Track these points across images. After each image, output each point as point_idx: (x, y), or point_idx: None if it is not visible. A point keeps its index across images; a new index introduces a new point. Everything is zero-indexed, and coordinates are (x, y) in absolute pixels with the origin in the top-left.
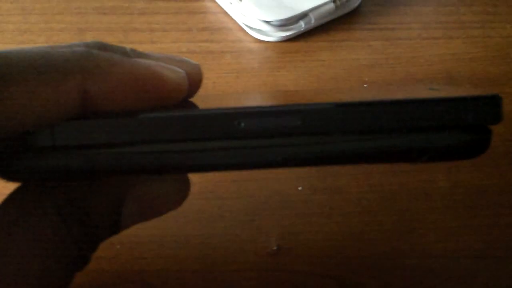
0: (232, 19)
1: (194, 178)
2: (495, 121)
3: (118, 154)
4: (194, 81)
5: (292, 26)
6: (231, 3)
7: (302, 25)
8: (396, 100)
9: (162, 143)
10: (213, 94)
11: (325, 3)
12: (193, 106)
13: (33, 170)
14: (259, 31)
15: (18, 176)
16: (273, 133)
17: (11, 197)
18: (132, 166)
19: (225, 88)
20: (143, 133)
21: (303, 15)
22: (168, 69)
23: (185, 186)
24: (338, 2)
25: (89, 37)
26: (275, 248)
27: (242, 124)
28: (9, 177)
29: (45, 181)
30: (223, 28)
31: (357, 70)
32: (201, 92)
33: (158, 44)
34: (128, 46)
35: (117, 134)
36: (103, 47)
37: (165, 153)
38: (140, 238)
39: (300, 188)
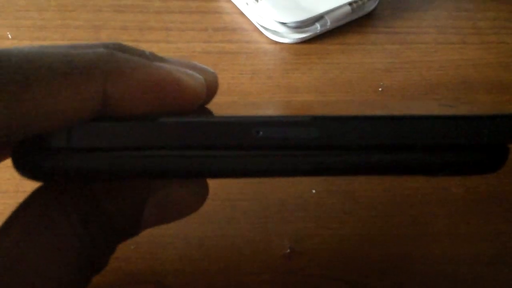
0: (248, 19)
1: (208, 179)
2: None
3: (134, 158)
4: (211, 89)
5: (307, 28)
6: (247, 4)
7: (318, 27)
8: (417, 115)
9: (180, 148)
10: (226, 102)
11: (341, 6)
12: (209, 112)
13: (48, 170)
14: (274, 32)
15: (35, 175)
16: (290, 143)
17: (33, 196)
18: (147, 170)
19: (240, 89)
20: (160, 138)
21: (319, 17)
22: (188, 75)
23: (204, 190)
24: (354, 5)
25: (104, 35)
26: (288, 250)
27: (261, 133)
28: (27, 176)
29: (62, 182)
30: (238, 29)
31: (372, 73)
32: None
33: (174, 44)
34: (143, 44)
35: (134, 138)
36: (122, 49)
37: (182, 159)
38: (154, 239)
39: (314, 191)
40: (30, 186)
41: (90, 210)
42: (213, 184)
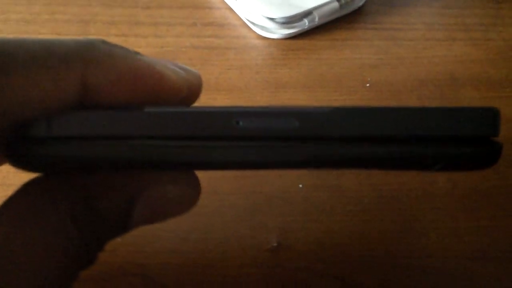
0: (236, 15)
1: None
2: (493, 133)
3: (112, 147)
4: (194, 89)
5: (296, 24)
6: None
7: (306, 23)
8: (406, 107)
9: (157, 138)
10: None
11: (329, 2)
12: None
13: (28, 159)
14: (263, 27)
15: (16, 163)
16: (270, 133)
17: (22, 190)
18: (124, 159)
19: (227, 84)
20: (139, 127)
21: (307, 13)
22: (169, 68)
23: (196, 191)
24: (342, 1)
25: (93, 30)
26: (275, 244)
27: (240, 123)
28: (12, 164)
29: (43, 171)
30: (227, 24)
31: (360, 69)
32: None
33: (162, 38)
34: (132, 39)
35: (113, 127)
36: (106, 43)
37: (159, 149)
38: (141, 232)
39: (300, 185)
40: (17, 179)
41: (80, 205)
42: (200, 177)
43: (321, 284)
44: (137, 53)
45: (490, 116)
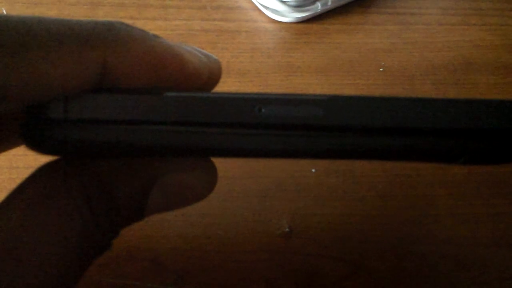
0: None
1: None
2: None
3: (131, 132)
4: (214, 75)
5: (308, 7)
6: None
7: (318, 7)
8: (424, 98)
9: (177, 124)
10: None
11: None
12: None
13: (44, 141)
14: (274, 11)
15: (32, 145)
16: (293, 121)
17: (37, 174)
18: (143, 145)
19: (239, 67)
20: (159, 112)
21: None
22: (190, 52)
23: (213, 178)
24: None
25: (102, 12)
26: (286, 230)
27: (263, 110)
28: (28, 146)
29: (59, 154)
30: (238, 7)
31: (373, 54)
32: None
33: (172, 21)
34: (141, 22)
35: (131, 111)
36: (126, 24)
37: (179, 134)
38: (151, 217)
39: (313, 170)
40: (24, 162)
41: (95, 191)
42: None
43: (334, 270)
44: (156, 36)
45: None
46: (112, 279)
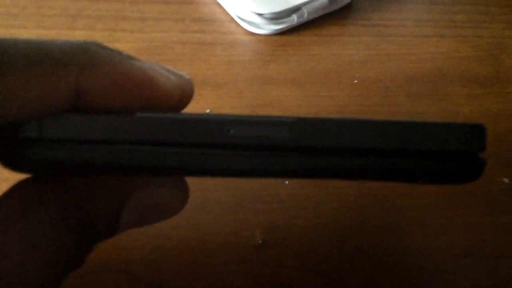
0: (224, 10)
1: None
2: (480, 149)
3: (103, 152)
4: (185, 94)
5: (284, 20)
6: None
7: (294, 19)
8: (395, 120)
9: (148, 144)
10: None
11: None
12: None
13: (18, 160)
14: (251, 23)
15: (6, 164)
16: (261, 142)
17: (14, 189)
18: (115, 164)
19: (215, 80)
20: (130, 132)
21: (296, 9)
22: (162, 74)
23: (185, 194)
24: None
25: (80, 24)
26: (260, 241)
27: (231, 131)
28: (2, 163)
29: (34, 172)
30: (215, 20)
31: (349, 65)
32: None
33: (149, 34)
34: (119, 34)
35: (104, 131)
36: (99, 45)
37: (150, 154)
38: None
39: (286, 182)
40: (12, 174)
41: (71, 208)
42: None
43: (307, 281)
44: (130, 57)
45: (478, 133)
46: None
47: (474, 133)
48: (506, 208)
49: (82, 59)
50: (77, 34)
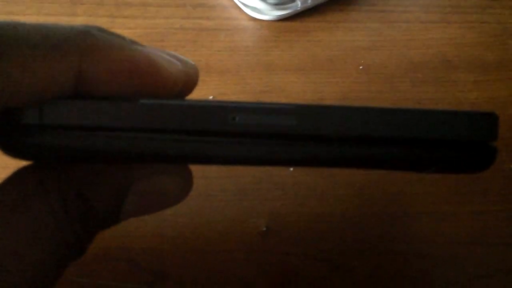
0: None
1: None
2: (492, 138)
3: (105, 139)
4: (190, 80)
5: (288, 5)
6: None
7: (298, 4)
8: (403, 108)
9: (151, 131)
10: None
11: None
12: None
13: (18, 146)
14: (254, 9)
15: (6, 150)
16: (266, 130)
17: (13, 177)
18: (117, 151)
19: (218, 66)
20: (133, 119)
21: None
22: (166, 60)
23: (188, 182)
24: None
25: (80, 10)
26: (264, 229)
27: (237, 119)
28: (2, 150)
29: (34, 159)
30: (218, 5)
31: (353, 52)
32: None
33: (151, 20)
34: (120, 20)
35: (106, 117)
36: (102, 30)
37: (153, 142)
38: None
39: (291, 169)
40: (12, 162)
41: (71, 196)
42: None
43: (311, 269)
44: (134, 42)
45: (490, 121)
46: (87, 279)
47: (486, 121)
48: None
49: (84, 43)
50: (78, 21)
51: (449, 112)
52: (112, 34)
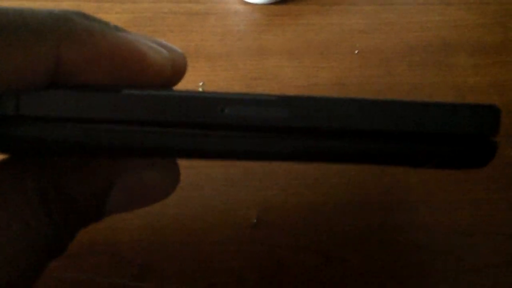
0: None
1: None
2: (493, 132)
3: (85, 131)
4: (178, 69)
5: None
6: None
7: None
8: (396, 101)
9: (135, 123)
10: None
11: None
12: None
13: None
14: None
15: None
16: (256, 123)
17: None
18: (98, 145)
19: (209, 51)
20: (116, 110)
21: None
22: (152, 48)
23: (175, 177)
24: None
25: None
26: (254, 220)
27: (226, 110)
28: None
29: (10, 152)
30: None
31: (349, 35)
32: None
33: (139, 4)
34: (107, 4)
35: (87, 108)
36: (84, 16)
37: (136, 134)
38: None
39: None
40: None
41: (51, 191)
42: None
43: (303, 260)
44: (118, 28)
45: (491, 115)
46: (72, 273)
47: (487, 115)
48: None
49: (62, 29)
50: (64, 5)
51: (448, 105)
52: (94, 19)
